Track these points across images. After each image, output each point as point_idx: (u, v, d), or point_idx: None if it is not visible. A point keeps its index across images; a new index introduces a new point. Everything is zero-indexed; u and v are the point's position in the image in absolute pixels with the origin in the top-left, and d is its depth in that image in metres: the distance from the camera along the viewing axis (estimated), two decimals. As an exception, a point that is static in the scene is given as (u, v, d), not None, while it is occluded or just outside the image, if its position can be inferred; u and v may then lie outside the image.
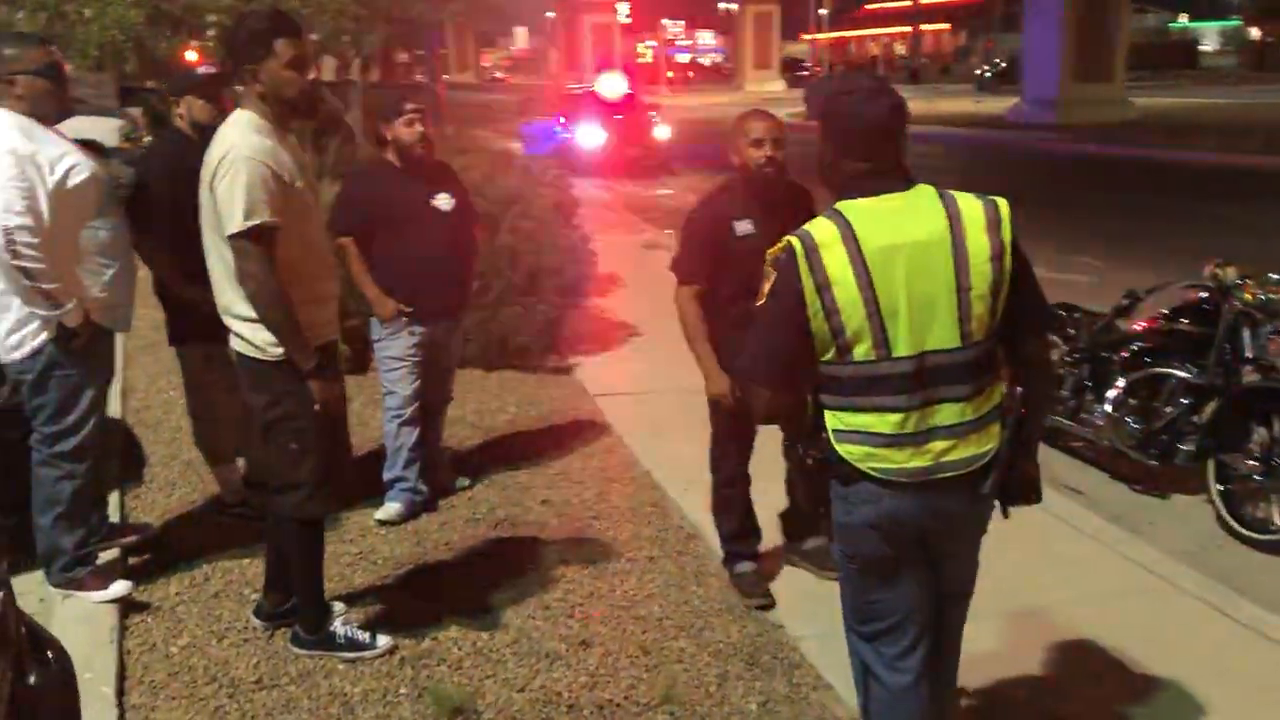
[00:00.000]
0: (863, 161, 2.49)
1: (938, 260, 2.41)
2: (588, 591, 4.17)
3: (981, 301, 2.43)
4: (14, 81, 3.57)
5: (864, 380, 2.46)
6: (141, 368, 6.85)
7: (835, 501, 2.62)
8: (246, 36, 3.26)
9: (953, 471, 2.50)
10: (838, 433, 2.52)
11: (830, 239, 2.42)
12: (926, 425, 2.47)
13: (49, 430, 3.71)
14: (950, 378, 2.46)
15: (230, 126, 3.29)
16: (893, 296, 2.40)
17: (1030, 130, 26.03)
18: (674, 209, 15.49)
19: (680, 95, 51.58)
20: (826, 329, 2.43)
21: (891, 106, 2.50)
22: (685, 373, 6.34)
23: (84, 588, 3.79)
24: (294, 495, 3.46)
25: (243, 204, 3.13)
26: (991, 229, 2.44)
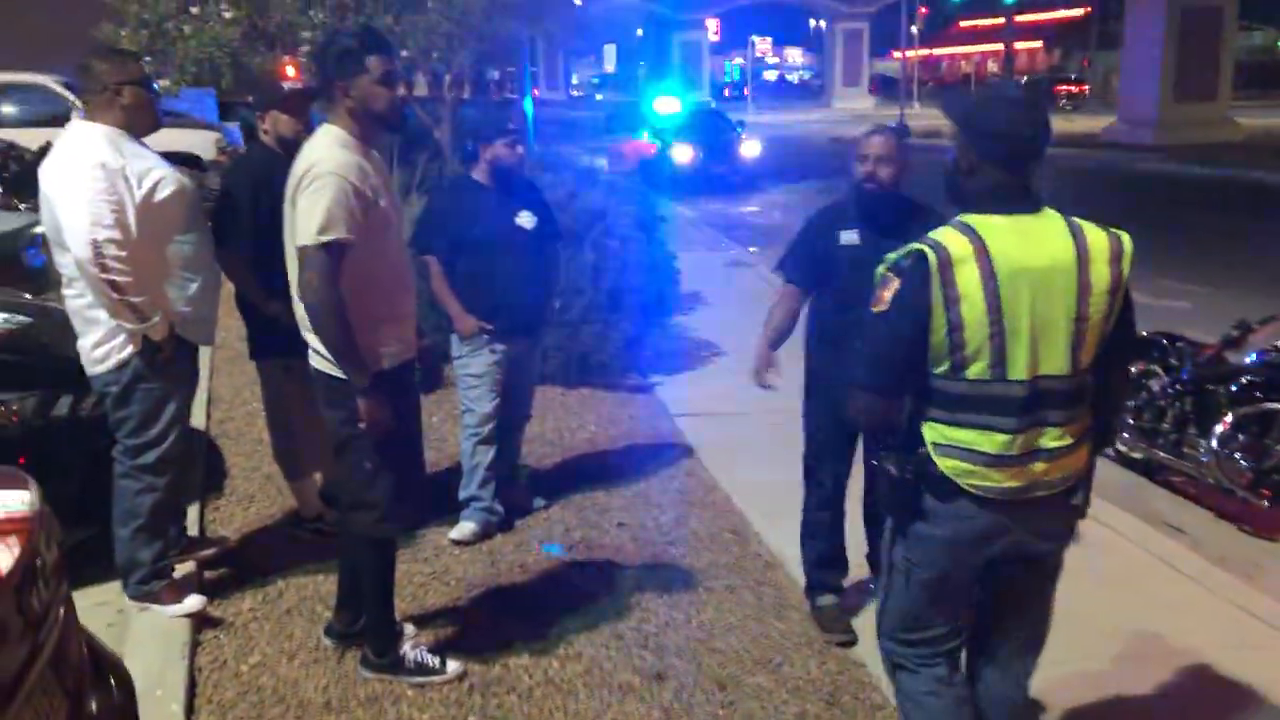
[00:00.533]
0: (1002, 172, 2.47)
1: (1061, 287, 2.42)
2: (663, 621, 4.06)
3: (1094, 331, 2.47)
4: (121, 91, 3.61)
5: (975, 398, 2.47)
6: (227, 378, 6.93)
7: (921, 519, 2.59)
8: (338, 52, 3.24)
9: (1046, 490, 2.53)
10: (937, 446, 2.52)
11: (965, 254, 2.41)
12: (1031, 447, 2.48)
13: (131, 443, 3.73)
14: (1057, 402, 2.48)
15: (317, 141, 3.27)
16: (1017, 319, 2.41)
17: (1127, 150, 25.30)
18: (760, 226, 15.37)
19: (767, 112, 51.36)
20: (946, 343, 2.43)
21: (1040, 122, 2.49)
22: (766, 396, 6.21)
23: (159, 601, 3.80)
24: (367, 514, 3.41)
25: (320, 219, 3.10)
26: (1114, 261, 2.46)
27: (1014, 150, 2.45)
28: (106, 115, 3.62)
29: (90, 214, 3.43)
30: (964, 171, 2.51)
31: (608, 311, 7.12)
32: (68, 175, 3.50)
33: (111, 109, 3.62)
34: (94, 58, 3.72)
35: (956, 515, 2.53)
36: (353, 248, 3.15)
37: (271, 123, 4.44)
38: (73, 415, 4.14)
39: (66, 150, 3.57)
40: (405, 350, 3.44)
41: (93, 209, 3.43)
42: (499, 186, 4.68)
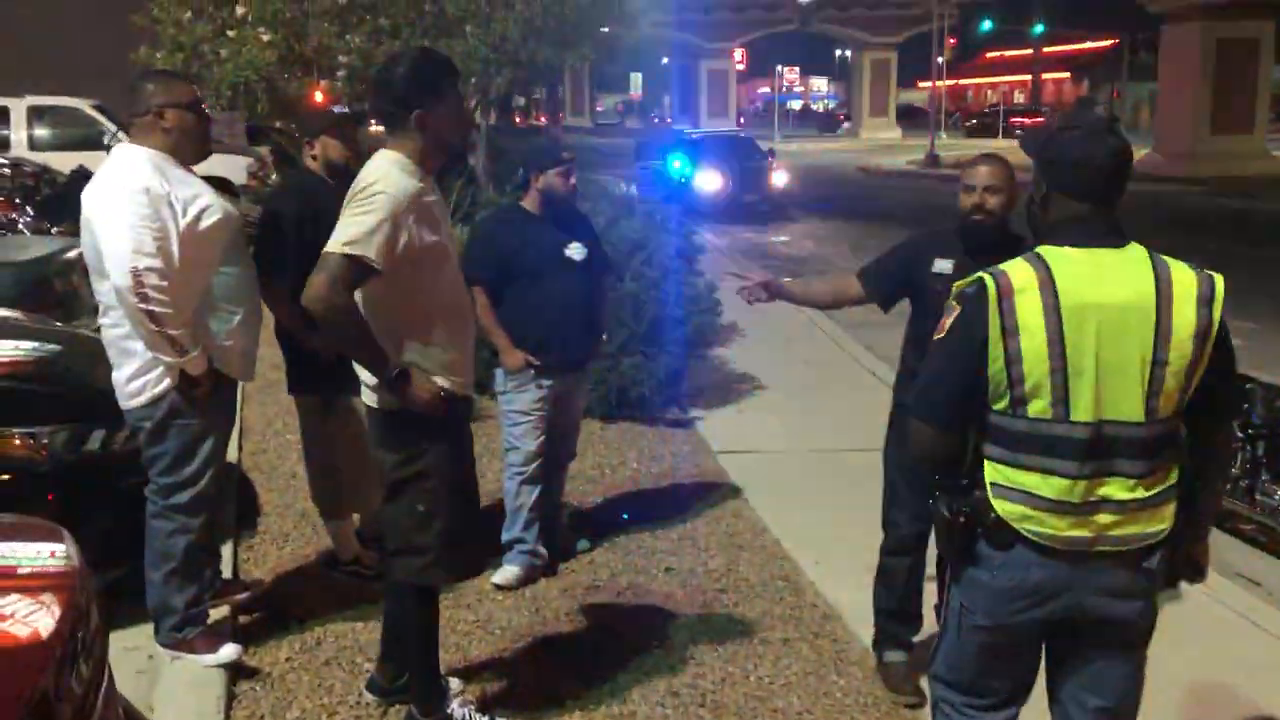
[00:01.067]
0: (1080, 203, 2.34)
1: (1136, 327, 2.26)
2: (719, 677, 3.84)
3: (1175, 378, 2.29)
4: (163, 115, 3.47)
5: (1035, 438, 2.32)
6: (259, 409, 6.76)
7: (976, 564, 2.45)
8: (415, 77, 3.06)
9: (1114, 546, 2.35)
10: (996, 487, 2.37)
11: (1027, 284, 2.29)
12: (1094, 496, 2.32)
13: (165, 481, 3.55)
14: (1127, 451, 2.31)
15: (379, 162, 3.09)
16: (1081, 356, 2.26)
17: (1164, 182, 25.00)
18: (793, 256, 15.19)
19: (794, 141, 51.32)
20: (1005, 377, 2.31)
21: (1118, 149, 2.34)
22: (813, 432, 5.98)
23: (193, 650, 3.60)
24: (416, 560, 3.21)
25: (357, 231, 2.92)
26: (1203, 304, 2.28)
27: (1087, 179, 2.32)
28: (150, 139, 3.48)
29: (132, 240, 3.27)
30: (1038, 203, 2.41)
31: (647, 343, 6.93)
32: (110, 199, 3.35)
33: (154, 132, 3.48)
34: (143, 79, 3.58)
35: (1011, 564, 2.37)
36: (388, 279, 2.97)
37: (321, 148, 4.28)
38: (105, 450, 3.97)
39: (110, 174, 3.42)
40: (462, 388, 3.25)
41: (135, 235, 3.27)
42: (549, 217, 4.51)
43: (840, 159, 39.12)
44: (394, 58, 3.24)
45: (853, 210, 21.19)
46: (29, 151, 13.47)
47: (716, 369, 8.11)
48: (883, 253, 3.91)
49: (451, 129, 3.16)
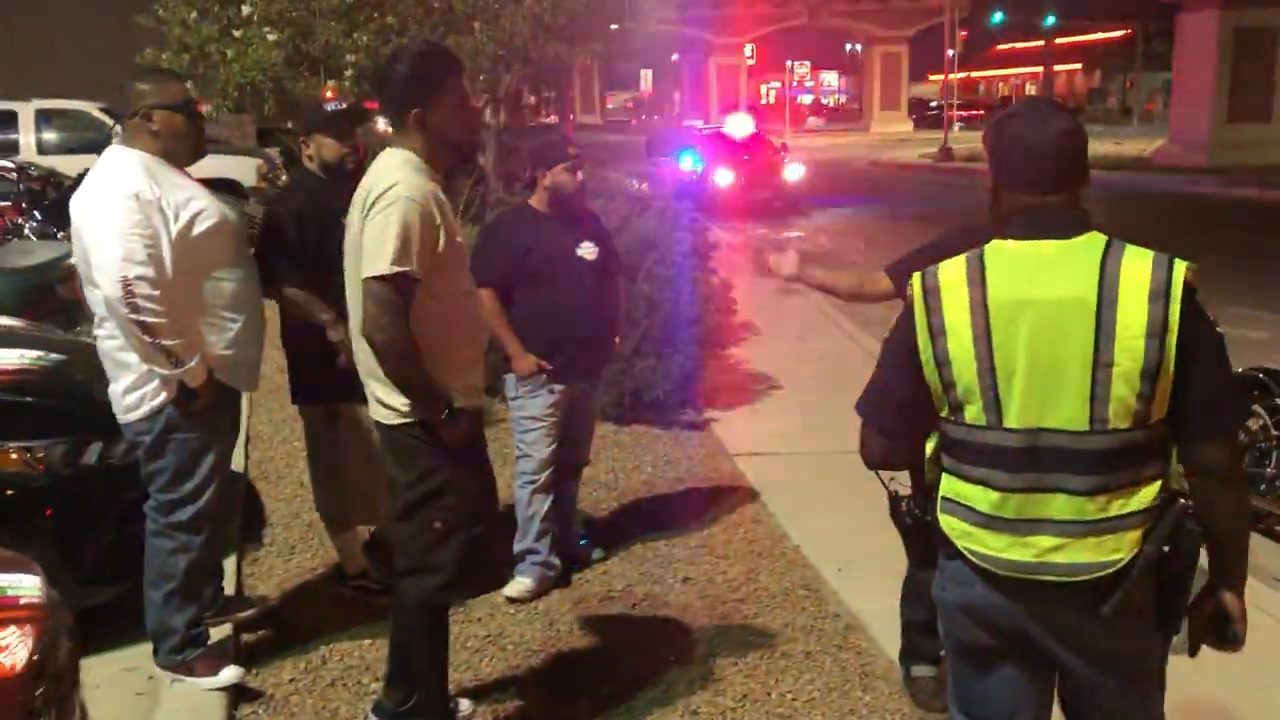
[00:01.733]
0: (1023, 193, 2.12)
1: (1074, 326, 2.01)
2: (740, 693, 3.70)
3: (1125, 382, 1.99)
4: (151, 117, 3.34)
5: (973, 446, 2.13)
6: (266, 414, 6.64)
7: (938, 572, 2.33)
8: (416, 75, 2.93)
9: (1060, 576, 2.07)
10: (944, 500, 2.22)
11: (955, 281, 2.11)
12: (1031, 514, 2.08)
13: (165, 498, 3.42)
14: (1069, 464, 2.05)
15: (389, 162, 2.95)
16: (1011, 357, 2.05)
17: (1181, 173, 24.71)
18: (805, 252, 14.87)
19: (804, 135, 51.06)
20: (938, 380, 2.14)
21: (1060, 131, 2.10)
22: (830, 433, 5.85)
23: (193, 672, 3.46)
24: (429, 580, 3.07)
25: (394, 246, 2.78)
26: (1156, 298, 1.97)
27: (1028, 165, 2.09)
28: (140, 141, 3.35)
29: (122, 248, 3.14)
30: (992, 200, 2.21)
31: (661, 344, 6.79)
32: (99, 206, 3.22)
33: (143, 135, 3.35)
34: (134, 79, 3.45)
35: (957, 579, 2.22)
36: (421, 283, 2.85)
37: (315, 147, 4.15)
38: (103, 463, 3.84)
39: (99, 179, 3.29)
40: (475, 399, 3.12)
41: (124, 243, 3.14)
42: (560, 216, 4.36)
43: (852, 153, 38.88)
44: (395, 54, 3.09)
45: (865, 205, 20.98)
46: (37, 155, 13.43)
47: (732, 369, 7.96)
48: (912, 250, 3.70)
49: (456, 127, 3.02)
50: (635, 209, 7.80)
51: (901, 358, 2.19)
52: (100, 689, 3.62)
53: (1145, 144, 32.54)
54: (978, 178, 27.28)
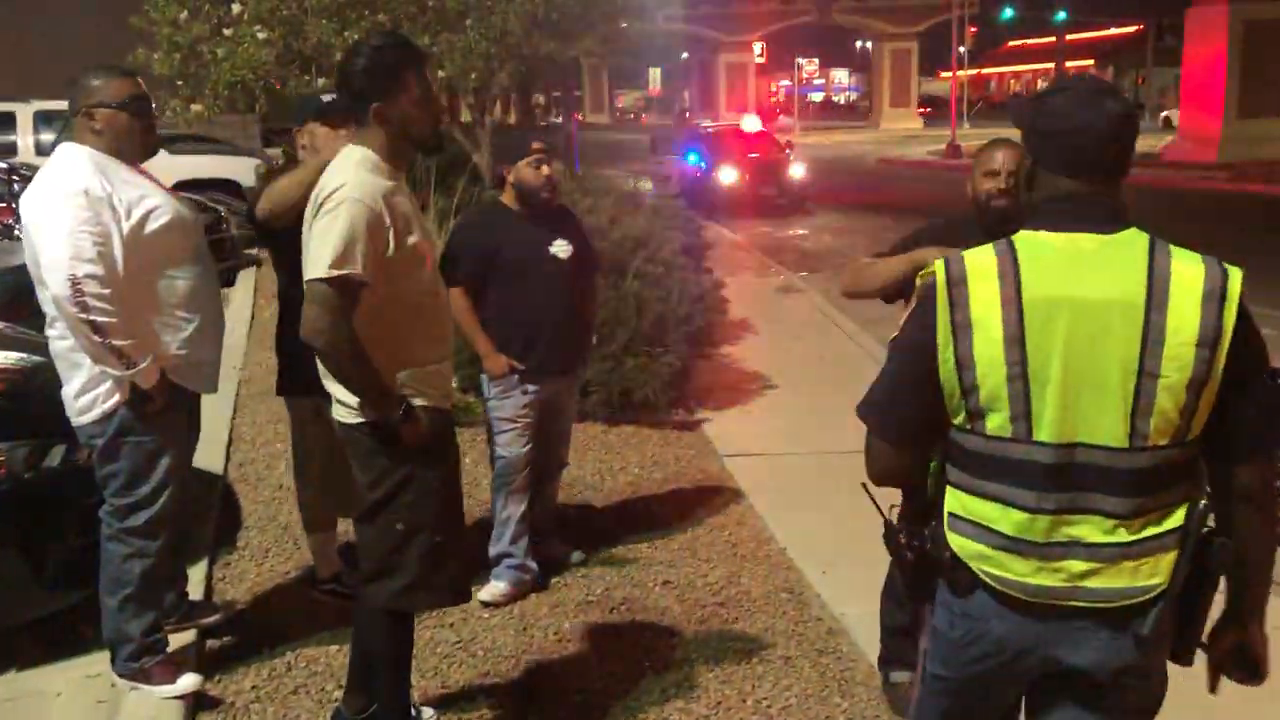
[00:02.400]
0: (1067, 178, 1.91)
1: (1119, 329, 1.82)
2: (714, 701, 3.61)
3: (1170, 395, 1.82)
4: (92, 115, 3.25)
5: (993, 460, 1.91)
6: (250, 415, 6.57)
7: (938, 605, 2.09)
8: (373, 68, 2.84)
9: (1092, 601, 1.90)
10: (954, 518, 1.98)
11: (984, 271, 1.89)
12: (1062, 536, 1.89)
13: (119, 503, 3.34)
14: (1104, 484, 1.87)
15: (343, 161, 2.88)
16: (1045, 362, 1.84)
17: (1190, 169, 24.50)
18: (809, 251, 14.91)
19: (813, 133, 50.91)
20: (956, 384, 1.91)
21: (1118, 114, 1.90)
22: (823, 433, 5.76)
23: (150, 680, 3.38)
24: (391, 583, 2.98)
25: (334, 248, 2.71)
26: (1210, 303, 1.81)
27: (1077, 147, 1.89)
28: (86, 138, 3.27)
29: (70, 247, 3.06)
30: (1024, 181, 2.02)
31: (650, 343, 6.71)
32: (47, 204, 3.13)
33: (87, 133, 3.26)
34: (81, 75, 3.37)
35: (969, 614, 1.99)
36: (369, 286, 2.77)
37: (309, 137, 3.98)
38: (65, 466, 3.77)
39: (48, 176, 3.21)
40: (443, 400, 3.03)
41: (73, 241, 3.06)
42: (531, 213, 4.28)
43: (860, 150, 38.74)
44: (353, 48, 3.01)
45: (872, 203, 20.86)
46: (36, 157, 13.38)
47: (724, 368, 7.87)
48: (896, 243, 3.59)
49: (417, 122, 2.91)
50: (626, 206, 7.72)
51: (915, 356, 1.97)
52: (61, 696, 3.56)
53: (1156, 139, 32.34)
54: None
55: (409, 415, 2.86)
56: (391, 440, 2.87)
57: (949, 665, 2.08)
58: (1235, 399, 1.86)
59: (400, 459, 2.90)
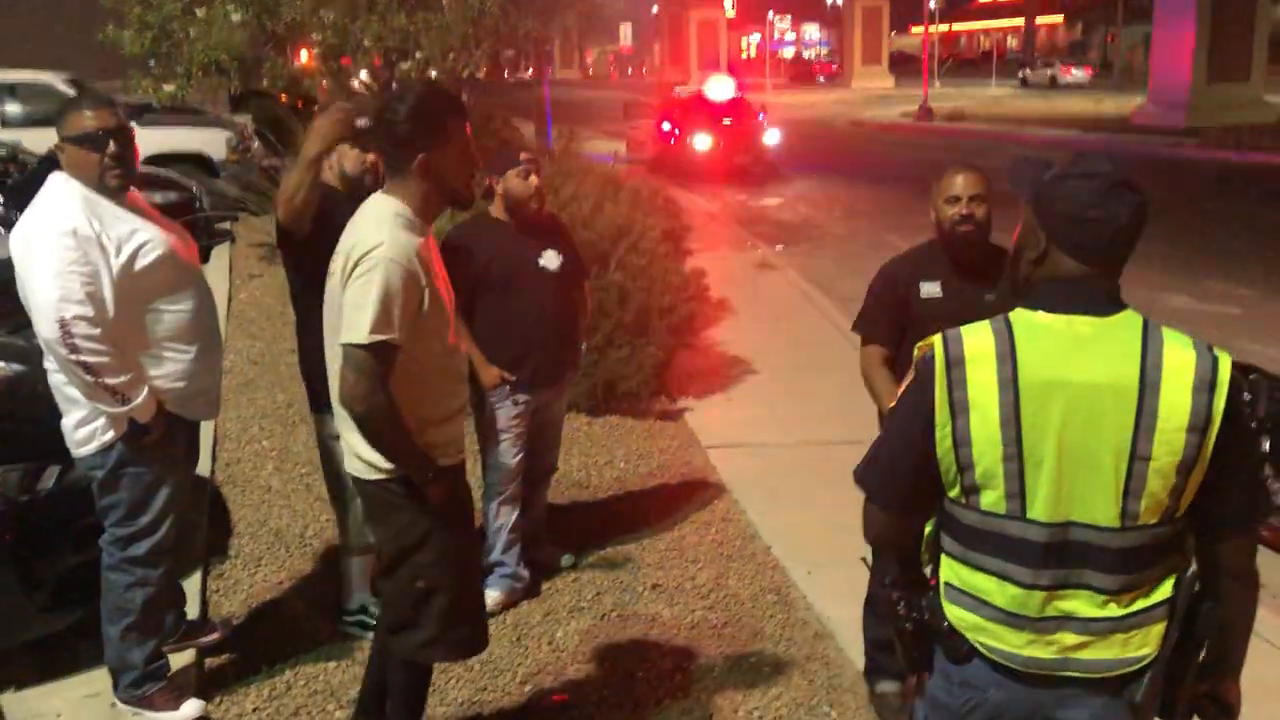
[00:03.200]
0: (1083, 265, 1.95)
1: (1111, 414, 1.89)
2: (706, 713, 3.70)
3: (1161, 477, 1.89)
4: (62, 149, 3.20)
5: (988, 535, 1.98)
6: (234, 411, 6.54)
7: (936, 673, 2.13)
8: (420, 117, 2.78)
9: (1084, 672, 1.98)
10: (950, 588, 2.05)
11: (982, 354, 1.94)
12: (1054, 611, 1.97)
13: (121, 532, 3.36)
14: (1096, 562, 1.94)
15: (376, 215, 2.82)
16: (1040, 443, 1.90)
17: (1160, 134, 24.61)
18: (785, 221, 14.94)
19: (785, 92, 50.70)
20: (953, 460, 1.97)
21: (1138, 206, 1.95)
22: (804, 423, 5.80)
23: (153, 707, 3.43)
24: (413, 637, 3.00)
25: (373, 313, 2.68)
26: (1200, 390, 1.88)
27: (1098, 239, 1.93)
28: (70, 171, 3.22)
29: (58, 288, 3.04)
30: (1032, 260, 2.00)
31: (634, 334, 6.74)
32: (35, 243, 3.10)
33: (66, 166, 3.21)
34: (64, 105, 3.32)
35: (968, 682, 2.05)
36: (403, 349, 2.76)
37: (337, 156, 3.88)
38: (60, 487, 3.78)
39: (37, 213, 3.17)
40: (457, 454, 3.03)
41: (61, 282, 3.04)
42: (520, 224, 4.29)
43: (832, 111, 38.65)
44: (397, 94, 2.94)
45: (846, 169, 20.89)
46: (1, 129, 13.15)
47: (706, 353, 7.91)
48: (866, 301, 3.63)
49: (456, 174, 2.87)
50: (608, 193, 7.70)
51: (914, 429, 2.00)
52: (62, 717, 3.59)
53: (1125, 101, 32.44)
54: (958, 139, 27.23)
55: (437, 478, 2.88)
56: (418, 499, 2.88)
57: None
58: (1222, 480, 1.93)
59: (418, 517, 2.90)
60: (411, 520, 2.91)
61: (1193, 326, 1.93)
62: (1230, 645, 2.08)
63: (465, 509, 3.10)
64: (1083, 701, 2.01)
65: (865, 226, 14.03)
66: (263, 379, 7.10)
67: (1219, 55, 26.29)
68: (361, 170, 3.88)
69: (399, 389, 2.78)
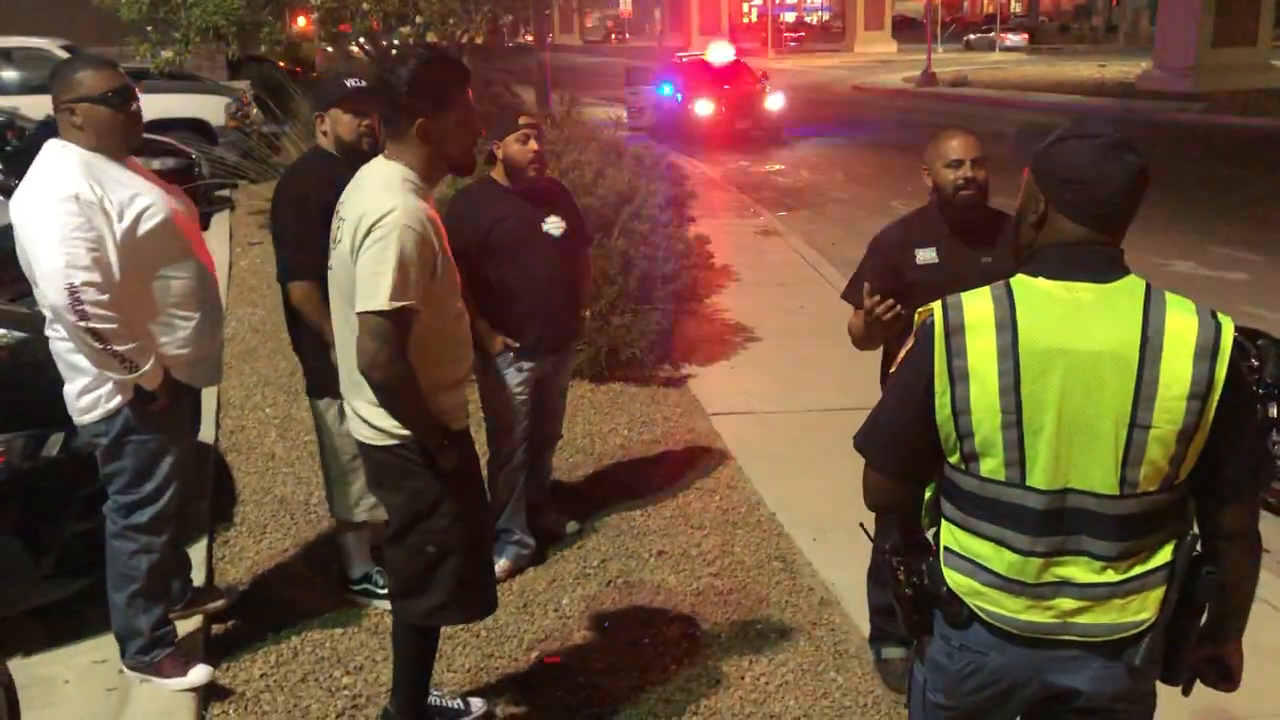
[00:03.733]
0: (1084, 227, 1.93)
1: (1111, 381, 1.87)
2: (712, 679, 3.70)
3: (1161, 446, 1.88)
4: (73, 110, 3.16)
5: (988, 501, 1.98)
6: (238, 378, 6.53)
7: (936, 637, 2.14)
8: (422, 82, 2.74)
9: (1082, 636, 1.99)
10: (949, 553, 2.06)
11: (982, 321, 1.93)
12: (1052, 577, 1.97)
13: (124, 499, 3.34)
14: (1094, 529, 1.93)
15: (379, 180, 2.79)
16: (1040, 411, 1.89)
17: (1166, 99, 24.42)
18: (787, 187, 14.87)
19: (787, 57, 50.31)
20: (952, 427, 1.97)
21: (1138, 169, 1.93)
22: (808, 390, 5.78)
23: (160, 673, 3.43)
24: (423, 601, 3.00)
25: (392, 279, 2.65)
26: (1202, 356, 1.86)
27: (1095, 201, 1.91)
28: (70, 135, 3.18)
29: (64, 255, 3.00)
30: (1032, 223, 1.99)
31: (638, 300, 6.71)
32: (38, 210, 3.06)
33: (69, 130, 3.18)
34: (58, 68, 3.27)
35: (968, 646, 2.06)
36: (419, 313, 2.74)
37: (331, 123, 3.85)
38: (65, 453, 3.76)
39: (37, 180, 3.13)
40: (464, 419, 3.02)
41: (67, 248, 3.00)
42: (522, 189, 4.25)
43: (835, 76, 38.40)
44: (399, 57, 2.88)
45: (848, 134, 20.77)
46: (-4, 94, 13.06)
47: (710, 319, 7.89)
48: (859, 269, 3.57)
49: (457, 142, 2.83)
50: (610, 159, 7.64)
51: (912, 396, 2.00)
52: (70, 684, 3.60)
53: (1131, 66, 32.17)
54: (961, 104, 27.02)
55: (454, 445, 2.87)
56: (430, 464, 2.87)
57: (950, 695, 2.14)
58: (1224, 447, 1.92)
59: (430, 482, 2.90)
60: (425, 485, 2.90)
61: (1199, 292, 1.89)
62: (1232, 609, 2.08)
63: (475, 472, 3.10)
64: (1082, 665, 2.01)
65: (868, 192, 13.96)
66: (264, 346, 7.07)
67: (1225, 19, 26.02)
68: (358, 135, 3.83)
69: (413, 355, 2.76)
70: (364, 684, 3.60)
